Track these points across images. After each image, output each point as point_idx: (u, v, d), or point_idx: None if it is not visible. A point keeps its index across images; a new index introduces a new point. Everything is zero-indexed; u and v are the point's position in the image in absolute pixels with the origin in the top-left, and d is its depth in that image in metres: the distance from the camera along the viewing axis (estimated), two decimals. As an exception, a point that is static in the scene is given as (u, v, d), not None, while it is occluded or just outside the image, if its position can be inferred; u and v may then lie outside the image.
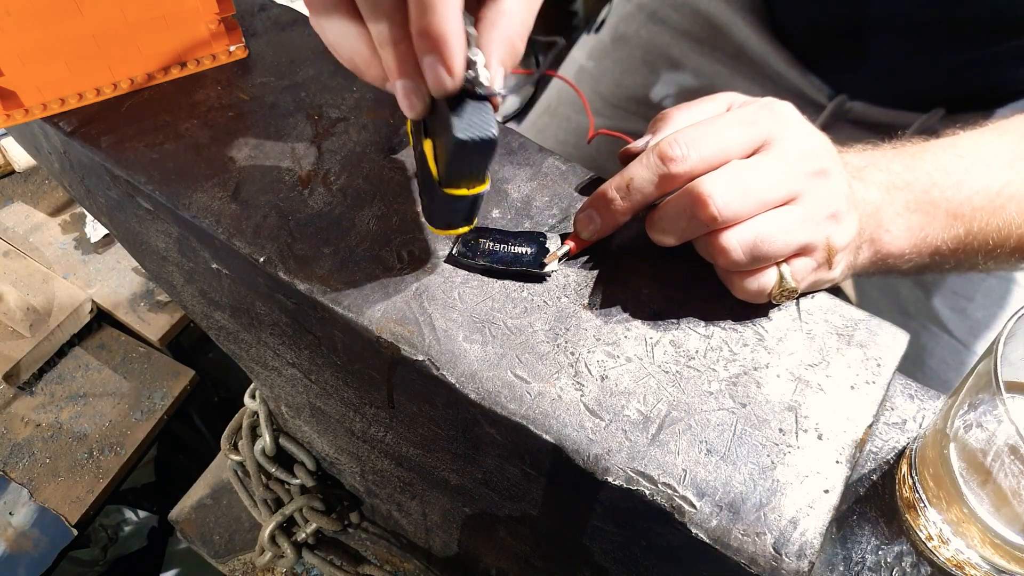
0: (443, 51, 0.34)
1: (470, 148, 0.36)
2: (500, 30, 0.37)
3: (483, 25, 0.38)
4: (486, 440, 0.41)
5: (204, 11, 0.49)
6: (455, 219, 0.40)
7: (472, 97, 0.36)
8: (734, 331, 0.41)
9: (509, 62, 0.38)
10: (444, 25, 0.33)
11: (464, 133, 0.35)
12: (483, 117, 0.36)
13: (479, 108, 0.36)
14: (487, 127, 0.35)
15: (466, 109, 0.36)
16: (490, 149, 0.36)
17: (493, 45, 0.37)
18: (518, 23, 0.38)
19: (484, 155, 0.37)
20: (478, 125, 0.35)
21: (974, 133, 0.53)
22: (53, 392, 1.06)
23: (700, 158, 0.40)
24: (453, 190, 0.38)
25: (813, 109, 0.80)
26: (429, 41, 0.34)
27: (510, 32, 0.38)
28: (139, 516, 1.07)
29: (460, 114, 0.36)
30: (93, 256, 1.16)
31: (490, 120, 0.36)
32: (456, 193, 0.38)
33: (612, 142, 0.53)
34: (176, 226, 0.47)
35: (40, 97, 0.47)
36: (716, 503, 0.36)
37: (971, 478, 0.40)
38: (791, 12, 0.80)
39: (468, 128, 0.35)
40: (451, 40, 0.34)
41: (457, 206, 0.39)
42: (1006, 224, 0.51)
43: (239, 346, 0.60)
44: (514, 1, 0.38)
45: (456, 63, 0.34)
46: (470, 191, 0.38)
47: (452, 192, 0.38)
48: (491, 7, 0.38)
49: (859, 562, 0.44)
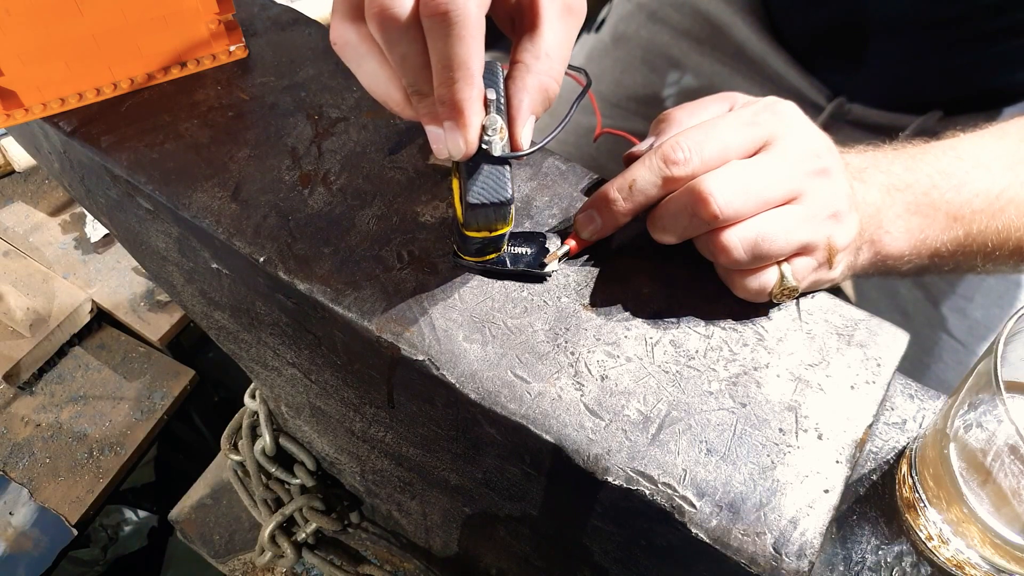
0: (459, 121, 0.35)
1: (483, 209, 0.38)
2: (535, 76, 0.38)
3: (518, 69, 0.39)
4: (486, 440, 0.41)
5: (204, 11, 0.49)
6: (481, 252, 0.42)
7: (489, 160, 0.37)
8: (734, 331, 0.41)
9: (542, 109, 0.39)
10: (460, 96, 0.34)
11: (476, 198, 0.37)
12: (498, 180, 0.37)
13: (495, 172, 0.37)
14: (499, 191, 0.37)
15: (482, 172, 0.37)
16: (503, 209, 0.38)
17: (525, 94, 0.38)
18: (556, 65, 0.39)
19: (498, 213, 0.38)
20: (491, 189, 0.37)
21: (974, 135, 0.53)
22: (53, 392, 1.06)
23: (703, 161, 0.40)
24: (473, 233, 0.40)
25: (812, 110, 0.80)
26: (447, 109, 0.35)
27: (546, 78, 0.38)
28: (139, 516, 1.07)
29: (476, 176, 0.37)
30: (93, 256, 1.17)
31: (503, 183, 0.37)
32: (475, 236, 0.40)
33: (612, 142, 0.53)
34: (176, 226, 0.47)
35: (40, 97, 0.47)
36: (716, 503, 0.36)
37: (971, 478, 0.40)
38: (790, 14, 0.80)
39: (481, 193, 0.37)
40: (467, 113, 0.35)
41: (479, 244, 0.41)
42: (1005, 227, 0.51)
43: (239, 346, 0.60)
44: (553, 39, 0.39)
45: (470, 134, 0.36)
46: (491, 234, 0.40)
47: (472, 235, 0.40)
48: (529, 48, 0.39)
49: (859, 562, 0.44)
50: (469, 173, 0.37)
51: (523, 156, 0.39)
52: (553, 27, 0.39)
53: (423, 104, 0.36)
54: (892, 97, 0.77)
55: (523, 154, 0.38)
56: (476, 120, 0.35)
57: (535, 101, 0.38)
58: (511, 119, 0.38)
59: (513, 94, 0.38)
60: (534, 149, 0.39)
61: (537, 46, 0.38)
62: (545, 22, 0.39)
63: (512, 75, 0.39)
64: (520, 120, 0.38)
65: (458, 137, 0.35)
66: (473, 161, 0.37)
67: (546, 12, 0.39)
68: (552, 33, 0.39)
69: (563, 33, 0.39)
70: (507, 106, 0.38)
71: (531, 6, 0.39)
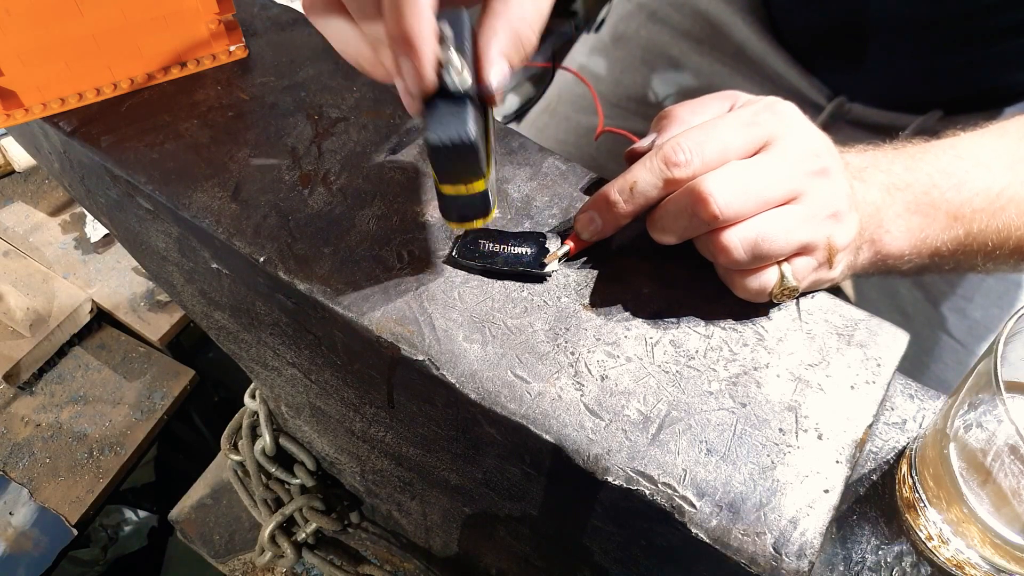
0: (411, 53, 0.34)
1: (442, 151, 0.35)
2: (504, 19, 0.36)
3: (485, 13, 0.37)
4: (486, 440, 0.41)
5: (204, 11, 0.49)
6: (466, 213, 0.40)
7: (447, 97, 0.35)
8: (734, 331, 0.41)
9: (514, 54, 0.37)
10: (408, 28, 0.33)
11: (433, 135, 0.35)
12: (457, 118, 0.35)
13: (454, 109, 0.35)
14: (459, 129, 0.35)
15: (440, 110, 0.35)
16: (465, 151, 0.35)
17: (493, 36, 0.36)
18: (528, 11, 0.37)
19: (462, 156, 0.36)
20: (450, 127, 0.35)
21: (974, 134, 0.53)
22: (53, 392, 1.06)
23: (703, 162, 0.40)
24: (448, 188, 0.38)
25: (812, 110, 0.80)
26: (398, 44, 0.34)
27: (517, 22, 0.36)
28: (139, 516, 1.07)
29: (434, 115, 0.35)
30: (93, 256, 1.17)
31: (463, 121, 0.35)
32: (451, 191, 0.38)
33: (612, 141, 0.53)
34: (176, 226, 0.47)
35: (40, 97, 0.47)
36: (716, 503, 0.36)
37: (971, 478, 0.40)
38: (791, 13, 0.80)
39: (439, 129, 0.35)
40: (416, 42, 0.33)
41: (459, 202, 0.39)
42: (1005, 226, 0.51)
43: (239, 346, 0.60)
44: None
45: (424, 66, 0.34)
46: (467, 189, 0.38)
47: (447, 190, 0.38)
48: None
49: (859, 562, 0.44)
50: (428, 115, 0.35)
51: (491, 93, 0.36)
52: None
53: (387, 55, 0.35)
54: (892, 97, 0.77)
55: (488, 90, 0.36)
56: (427, 49, 0.34)
57: (505, 44, 0.36)
58: (478, 59, 0.36)
59: (480, 34, 0.36)
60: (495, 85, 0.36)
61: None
62: None
63: (480, 20, 0.37)
64: (487, 60, 0.36)
65: (412, 72, 0.34)
66: (431, 102, 0.35)
67: None
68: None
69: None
70: (474, 47, 0.36)
71: None
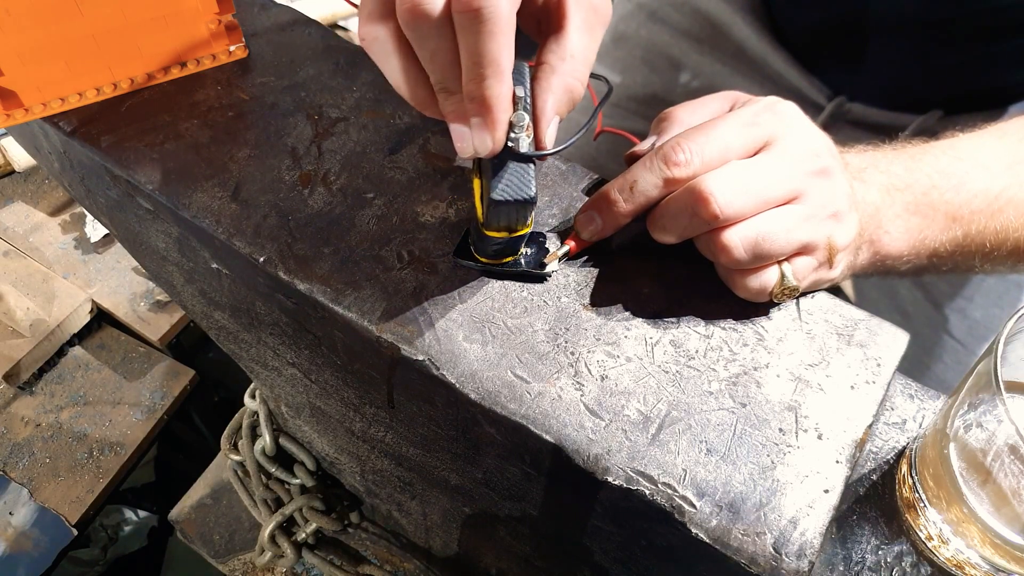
0: (487, 118, 0.35)
1: (506, 207, 0.37)
2: (560, 77, 0.38)
3: (543, 70, 0.39)
4: (486, 440, 0.41)
5: (204, 11, 0.49)
6: (498, 254, 0.42)
7: (515, 158, 0.37)
8: (734, 331, 0.41)
9: (566, 110, 0.39)
10: (490, 93, 0.34)
11: (501, 195, 0.37)
12: (522, 178, 0.37)
13: (520, 169, 0.37)
14: (524, 189, 0.37)
15: (508, 169, 0.37)
16: (527, 208, 0.38)
17: (550, 94, 0.38)
18: (580, 66, 0.39)
19: (521, 211, 0.38)
20: (516, 186, 0.37)
21: (973, 135, 0.53)
22: (53, 392, 1.06)
23: (703, 162, 0.40)
24: (493, 233, 0.40)
25: (812, 110, 0.80)
26: (475, 106, 0.35)
27: (571, 79, 0.39)
28: (139, 516, 1.07)
29: (501, 173, 0.37)
30: (93, 256, 1.16)
31: (528, 181, 0.37)
32: (495, 236, 0.40)
33: (612, 142, 0.53)
34: (176, 226, 0.47)
35: (40, 97, 0.47)
36: (716, 503, 0.36)
37: (971, 478, 0.40)
38: (791, 13, 0.80)
39: (506, 189, 0.37)
40: (495, 109, 0.35)
41: (499, 244, 0.41)
42: (1004, 227, 0.51)
43: (239, 346, 0.60)
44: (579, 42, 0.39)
45: (498, 131, 0.36)
46: (512, 235, 0.40)
47: (491, 234, 0.40)
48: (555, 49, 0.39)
49: (859, 562, 0.44)
50: (494, 171, 0.37)
51: (549, 155, 0.39)
52: (579, 29, 0.39)
53: (450, 102, 0.36)
54: (892, 96, 0.77)
55: (549, 152, 0.39)
56: (505, 116, 0.36)
57: (560, 101, 0.39)
58: (536, 119, 0.38)
59: (538, 94, 0.38)
60: (559, 149, 0.39)
61: (563, 47, 0.39)
62: (571, 24, 0.39)
63: (537, 76, 0.39)
64: (545, 120, 0.38)
65: (486, 134, 0.35)
66: (498, 159, 0.37)
67: (572, 14, 0.39)
68: (578, 35, 0.39)
69: (588, 35, 0.39)
70: (532, 106, 0.38)
71: (557, 8, 0.39)
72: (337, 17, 1.47)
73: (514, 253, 0.42)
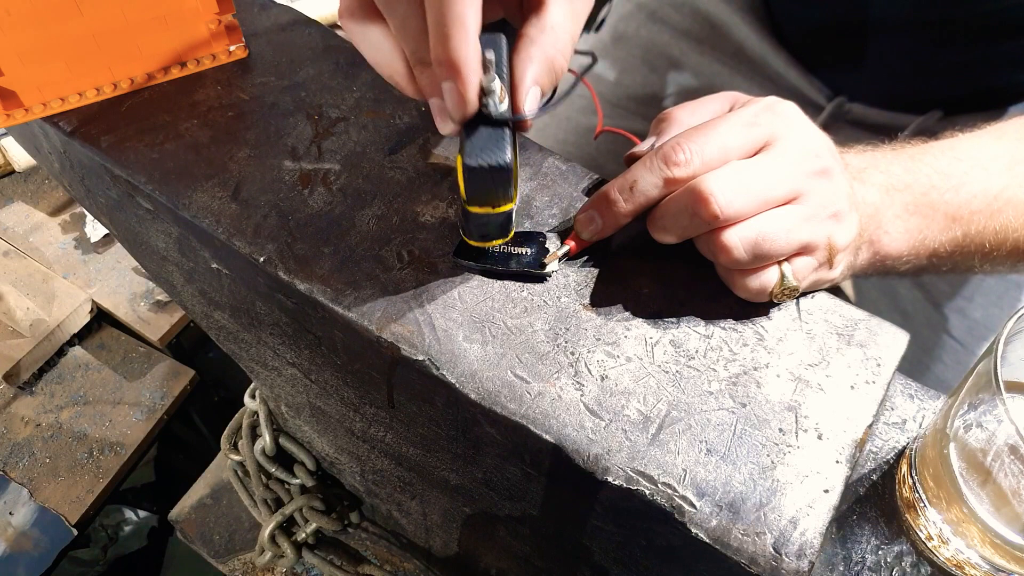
0: (456, 79, 0.35)
1: (480, 173, 0.36)
2: (539, 48, 0.38)
3: (522, 42, 0.38)
4: (486, 440, 0.41)
5: (204, 11, 0.49)
6: (487, 232, 0.41)
7: (488, 123, 0.37)
8: (734, 331, 0.41)
9: (547, 81, 0.38)
10: (456, 54, 0.34)
11: (473, 159, 0.36)
12: (496, 143, 0.36)
13: (494, 134, 0.37)
14: (497, 154, 0.36)
15: (480, 134, 0.36)
16: (502, 175, 0.37)
17: (529, 64, 0.38)
18: (562, 39, 0.38)
19: (497, 180, 0.37)
20: (489, 151, 0.36)
21: (973, 136, 0.53)
22: (53, 392, 1.06)
23: (703, 162, 0.40)
24: (476, 208, 0.39)
25: (812, 110, 0.80)
26: (443, 69, 0.34)
27: (551, 50, 0.38)
28: (139, 516, 1.07)
29: (474, 139, 0.36)
30: (93, 256, 1.17)
31: (502, 146, 0.36)
32: (478, 211, 0.39)
33: (612, 141, 0.53)
34: (176, 226, 0.47)
35: (40, 97, 0.47)
36: (716, 503, 0.36)
37: (971, 478, 0.40)
38: (791, 12, 0.80)
39: (479, 154, 0.36)
40: (463, 69, 0.34)
41: (483, 221, 0.40)
42: (1003, 228, 0.51)
43: (239, 346, 0.60)
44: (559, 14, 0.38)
45: (469, 91, 0.35)
46: (494, 210, 0.39)
47: (474, 210, 0.39)
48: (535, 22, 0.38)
49: (859, 562, 0.44)
50: (468, 137, 0.37)
51: (523, 119, 0.38)
52: (559, 3, 0.38)
53: (425, 74, 0.36)
54: (892, 96, 0.77)
55: (523, 117, 0.37)
56: (473, 77, 0.35)
57: (539, 71, 0.38)
58: (514, 87, 0.38)
59: (516, 64, 0.38)
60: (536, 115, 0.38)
61: (543, 20, 0.38)
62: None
63: (517, 48, 0.38)
64: (523, 87, 0.37)
65: (456, 96, 0.35)
66: (472, 125, 0.37)
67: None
68: (558, 8, 0.38)
69: (570, 9, 0.39)
70: (510, 75, 0.38)
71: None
72: (337, 17, 1.47)
73: (503, 235, 0.41)
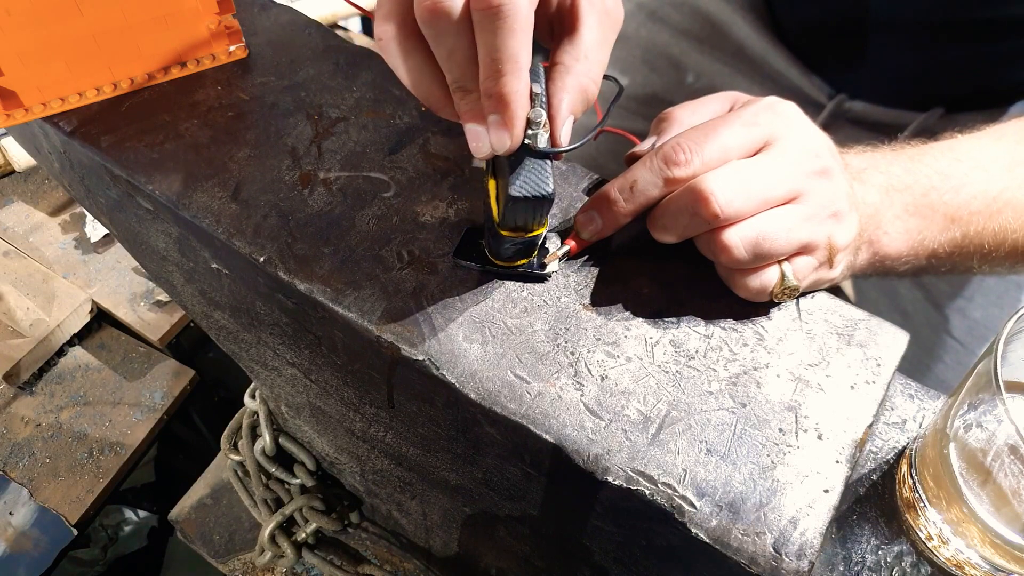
0: (505, 114, 0.35)
1: (523, 203, 0.37)
2: (575, 77, 0.39)
3: (558, 70, 0.39)
4: (486, 440, 0.41)
5: (204, 11, 0.49)
6: (512, 256, 0.42)
7: (532, 154, 0.37)
8: (734, 331, 0.41)
9: (580, 109, 0.39)
10: (507, 88, 0.34)
11: (519, 191, 0.37)
12: (540, 175, 0.37)
13: (537, 166, 0.37)
14: (541, 185, 0.37)
15: (525, 166, 0.37)
16: (544, 205, 0.38)
17: (565, 94, 0.38)
18: (594, 67, 0.39)
19: (538, 209, 0.38)
20: (533, 183, 0.37)
21: (972, 137, 0.54)
22: (53, 392, 1.06)
23: (703, 162, 0.40)
24: (509, 232, 0.39)
25: (813, 108, 0.80)
26: (493, 102, 0.35)
27: (585, 79, 0.39)
28: (139, 516, 1.07)
29: (519, 170, 0.37)
30: (93, 256, 1.16)
31: (546, 178, 0.37)
32: (511, 236, 0.40)
33: (612, 142, 0.53)
34: (176, 226, 0.47)
35: (40, 97, 0.47)
36: (716, 503, 0.36)
37: (971, 478, 0.40)
38: (791, 11, 0.80)
39: (524, 186, 0.37)
40: (514, 106, 0.35)
41: (514, 243, 0.40)
42: (1002, 229, 0.51)
43: (239, 346, 0.60)
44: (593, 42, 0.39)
45: (516, 127, 0.36)
46: (527, 235, 0.40)
47: (507, 234, 0.40)
48: (568, 50, 0.39)
49: (859, 562, 0.44)
50: (511, 168, 0.37)
51: (566, 152, 0.39)
52: (592, 30, 0.39)
53: (466, 101, 0.36)
54: (893, 94, 0.77)
55: (566, 150, 0.38)
56: (523, 113, 0.36)
57: (574, 101, 0.39)
58: (551, 117, 0.39)
59: (553, 94, 0.39)
60: (575, 146, 0.39)
61: (577, 48, 0.39)
62: (585, 25, 0.39)
63: (552, 76, 0.39)
64: (560, 118, 0.38)
65: (504, 131, 0.36)
66: (515, 156, 0.37)
67: (585, 16, 0.39)
68: (591, 35, 0.39)
69: (601, 36, 0.40)
70: (547, 105, 0.39)
71: (571, 9, 0.40)
72: (337, 17, 1.47)
73: (528, 255, 0.42)
